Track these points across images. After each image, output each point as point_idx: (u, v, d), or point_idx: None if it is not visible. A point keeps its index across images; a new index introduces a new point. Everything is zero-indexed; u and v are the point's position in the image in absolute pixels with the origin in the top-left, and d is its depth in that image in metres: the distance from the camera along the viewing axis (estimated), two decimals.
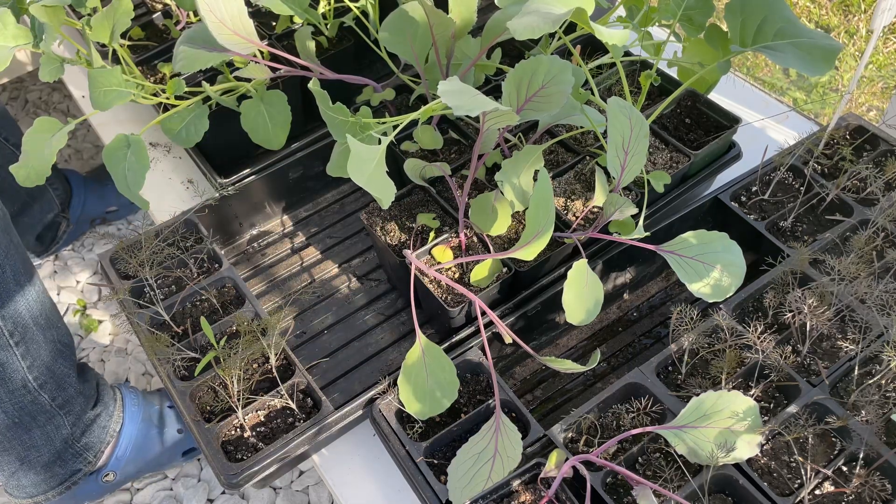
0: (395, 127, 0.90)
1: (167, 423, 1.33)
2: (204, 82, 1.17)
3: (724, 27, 1.01)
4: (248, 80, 1.18)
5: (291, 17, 1.35)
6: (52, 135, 1.07)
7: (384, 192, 0.80)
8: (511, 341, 0.95)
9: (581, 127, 1.14)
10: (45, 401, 1.16)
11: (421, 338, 0.92)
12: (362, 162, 0.79)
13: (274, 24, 1.39)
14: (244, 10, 1.00)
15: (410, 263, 0.99)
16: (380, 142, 0.83)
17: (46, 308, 1.18)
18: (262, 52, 1.18)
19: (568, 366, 0.92)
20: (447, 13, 1.03)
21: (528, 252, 0.93)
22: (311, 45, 1.20)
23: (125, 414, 1.29)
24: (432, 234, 1.08)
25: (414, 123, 1.17)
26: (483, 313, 0.98)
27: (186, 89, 1.15)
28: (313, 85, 0.97)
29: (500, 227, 1.02)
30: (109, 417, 1.27)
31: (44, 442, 1.19)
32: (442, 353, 0.92)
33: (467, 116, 1.20)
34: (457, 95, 0.77)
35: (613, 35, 0.84)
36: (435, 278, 1.02)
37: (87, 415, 1.23)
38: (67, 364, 1.20)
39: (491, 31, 1.04)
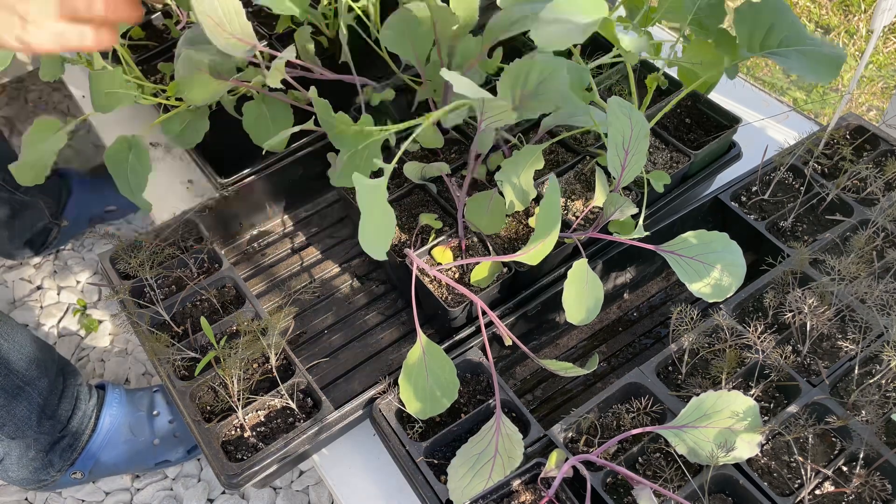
0: (398, 140, 0.90)
1: (146, 430, 1.36)
2: None
3: (731, 32, 1.01)
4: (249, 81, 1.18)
5: (292, 17, 1.35)
6: (52, 135, 1.07)
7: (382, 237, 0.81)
8: (511, 343, 0.95)
9: (581, 126, 1.14)
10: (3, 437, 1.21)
11: (421, 337, 0.92)
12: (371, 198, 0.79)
13: (274, 24, 1.39)
14: (241, 12, 1.00)
15: (411, 263, 0.99)
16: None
17: (10, 357, 1.20)
18: (261, 53, 1.18)
19: (567, 368, 0.92)
20: None
21: (532, 257, 0.92)
22: (311, 45, 1.20)
23: (101, 424, 1.32)
24: (433, 235, 1.08)
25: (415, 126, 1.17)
26: (483, 313, 0.98)
27: None
28: (313, 94, 0.97)
29: (495, 225, 1.02)
30: (76, 439, 1.30)
31: (11, 463, 1.24)
32: (442, 353, 0.92)
33: (468, 117, 1.20)
34: (459, 80, 0.77)
35: (632, 42, 0.84)
36: (435, 278, 1.02)
37: (54, 445, 1.27)
38: (30, 407, 1.22)
39: (492, 30, 1.04)
